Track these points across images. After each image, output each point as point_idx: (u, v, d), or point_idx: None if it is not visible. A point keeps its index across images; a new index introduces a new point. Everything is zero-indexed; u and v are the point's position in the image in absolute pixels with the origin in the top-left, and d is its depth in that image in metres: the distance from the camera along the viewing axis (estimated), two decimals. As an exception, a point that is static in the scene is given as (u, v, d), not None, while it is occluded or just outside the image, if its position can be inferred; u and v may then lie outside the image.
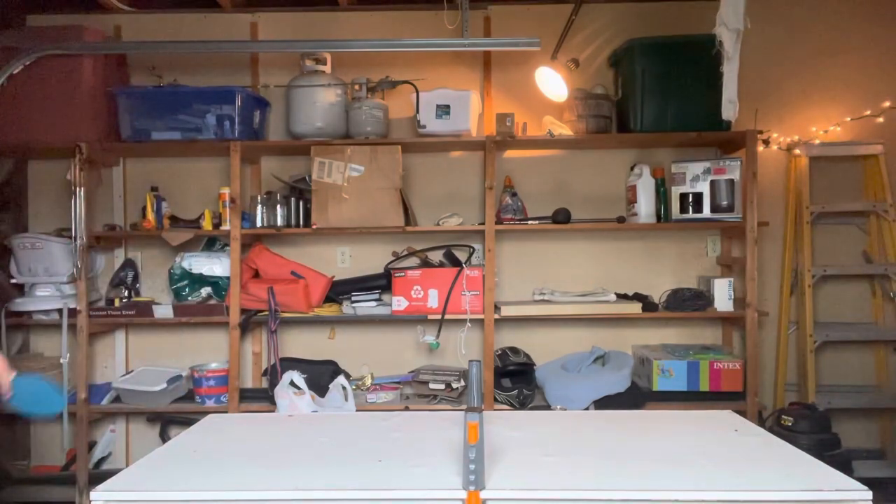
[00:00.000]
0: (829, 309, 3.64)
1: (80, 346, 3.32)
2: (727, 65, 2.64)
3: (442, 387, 3.33)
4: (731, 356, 3.39)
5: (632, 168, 3.56)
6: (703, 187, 3.33)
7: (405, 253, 3.64)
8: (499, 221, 3.41)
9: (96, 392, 3.43)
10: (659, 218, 3.44)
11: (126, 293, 3.53)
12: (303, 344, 3.69)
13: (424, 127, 3.37)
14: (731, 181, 3.30)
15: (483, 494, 1.50)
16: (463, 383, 3.36)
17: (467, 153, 3.70)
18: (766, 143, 3.56)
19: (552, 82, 3.52)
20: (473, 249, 3.61)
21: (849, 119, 3.60)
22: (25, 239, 3.36)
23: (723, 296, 3.38)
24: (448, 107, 3.36)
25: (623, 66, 3.48)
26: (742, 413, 2.46)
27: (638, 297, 3.49)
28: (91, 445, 3.53)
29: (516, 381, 3.35)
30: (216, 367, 3.41)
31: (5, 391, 1.91)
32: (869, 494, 1.50)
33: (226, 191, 3.37)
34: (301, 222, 3.43)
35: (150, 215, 3.44)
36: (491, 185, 3.35)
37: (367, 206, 3.30)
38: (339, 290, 3.52)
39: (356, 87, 3.44)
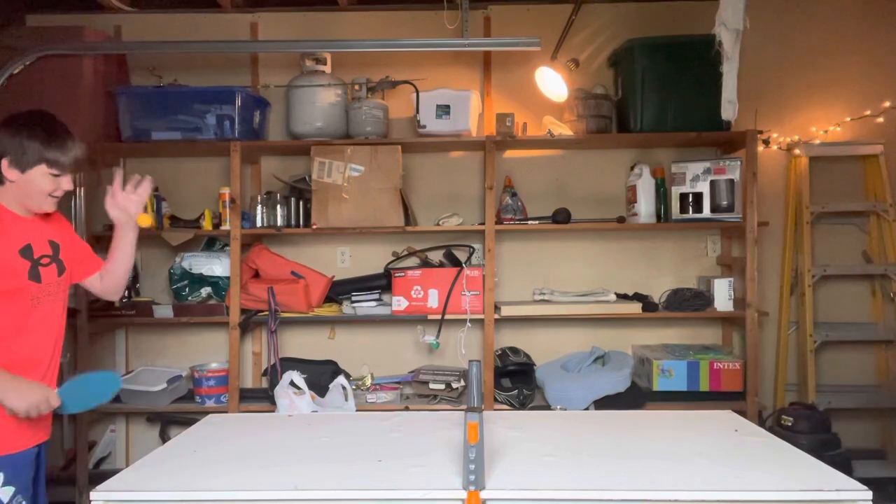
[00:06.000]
0: (829, 309, 3.64)
1: (81, 346, 3.32)
2: (726, 65, 2.64)
3: (442, 387, 3.33)
4: (731, 356, 3.39)
5: (632, 168, 3.56)
6: (703, 187, 3.33)
7: (405, 253, 3.64)
8: (499, 221, 3.41)
9: (96, 392, 3.43)
10: (659, 218, 3.44)
11: (126, 293, 3.52)
12: (303, 344, 3.69)
13: (424, 127, 3.37)
14: (731, 181, 3.30)
15: (483, 494, 1.50)
16: (463, 383, 3.36)
17: (467, 153, 3.70)
18: (766, 143, 3.56)
19: (552, 82, 3.52)
20: (473, 249, 3.61)
21: (849, 119, 3.60)
22: (25, 239, 3.35)
23: (723, 296, 3.38)
24: (448, 107, 3.36)
25: (623, 66, 3.48)
26: (742, 413, 2.45)
27: (638, 297, 3.49)
28: (91, 445, 3.53)
29: (516, 381, 3.35)
30: (216, 367, 3.41)
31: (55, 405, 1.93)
32: (869, 494, 1.50)
33: (226, 191, 3.37)
34: (301, 222, 3.43)
35: (151, 215, 3.44)
36: (491, 185, 3.35)
37: (367, 206, 3.30)
38: (339, 290, 3.52)
39: (356, 87, 3.44)
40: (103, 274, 2.21)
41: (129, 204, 2.14)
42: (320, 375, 3.34)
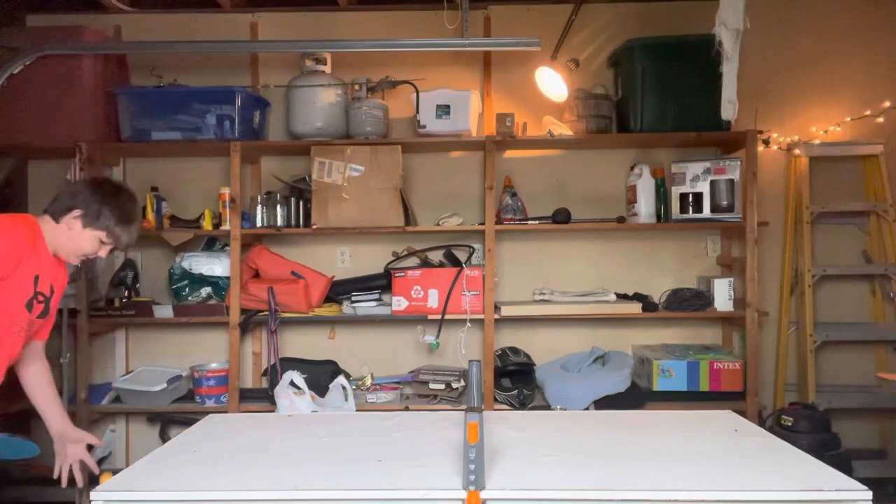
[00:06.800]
0: (829, 309, 3.64)
1: (81, 346, 3.32)
2: (726, 65, 2.64)
3: (442, 387, 3.33)
4: (731, 356, 3.39)
5: (632, 168, 3.56)
6: (703, 187, 3.33)
7: (405, 253, 3.64)
8: (499, 221, 3.41)
9: (96, 392, 3.43)
10: (659, 218, 3.44)
11: (126, 293, 3.53)
12: (303, 344, 3.69)
13: (424, 127, 3.37)
14: (731, 181, 3.30)
15: (483, 494, 1.50)
16: (463, 383, 3.36)
17: (467, 153, 3.70)
18: (766, 143, 3.56)
19: (552, 82, 3.52)
20: (473, 249, 3.61)
21: (849, 119, 3.60)
22: (25, 239, 3.35)
23: (723, 296, 3.38)
24: (448, 107, 3.36)
25: (623, 66, 3.48)
26: (742, 413, 2.45)
27: (638, 297, 3.49)
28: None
29: (516, 381, 3.35)
30: (216, 367, 3.41)
31: None
32: (869, 494, 1.50)
33: (226, 191, 3.37)
34: (301, 222, 3.43)
35: (150, 215, 3.44)
36: (491, 185, 3.35)
37: (367, 206, 3.30)
38: (339, 290, 3.52)
39: (356, 87, 3.44)
40: (39, 365, 2.17)
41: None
42: (320, 375, 3.34)
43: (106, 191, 2.07)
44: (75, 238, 2.03)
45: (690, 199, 3.35)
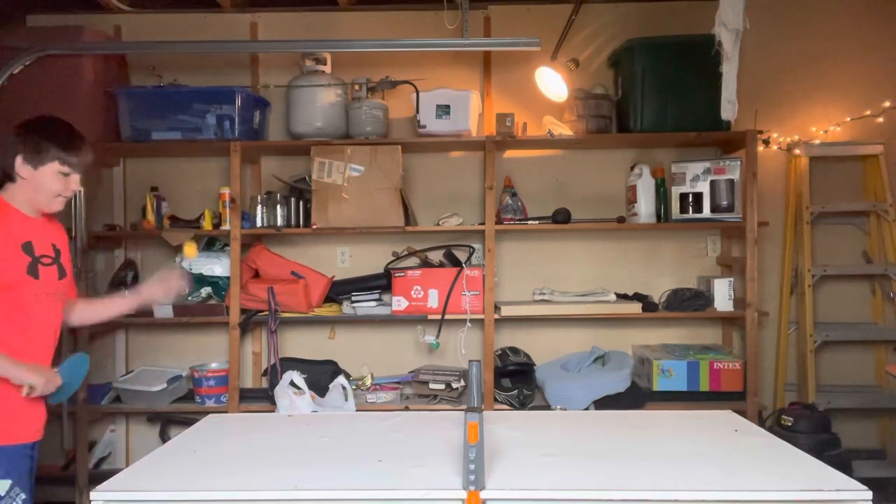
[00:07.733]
0: (829, 309, 3.64)
1: (80, 346, 3.31)
2: (726, 65, 2.64)
3: (442, 387, 3.33)
4: (731, 356, 3.39)
5: (632, 168, 3.56)
6: (703, 187, 3.33)
7: (405, 253, 3.64)
8: (499, 221, 3.41)
9: (96, 392, 3.43)
10: (659, 218, 3.44)
11: (126, 293, 3.52)
12: (303, 344, 3.69)
13: (424, 127, 3.37)
14: (731, 181, 3.30)
15: (483, 494, 1.50)
16: (463, 383, 3.36)
17: (467, 153, 3.70)
18: (766, 143, 3.55)
19: (552, 82, 3.52)
20: (473, 249, 3.61)
21: (849, 119, 3.60)
22: (25, 239, 3.35)
23: (723, 296, 3.38)
24: (448, 107, 3.36)
25: (623, 66, 3.48)
26: (742, 413, 2.45)
27: (638, 297, 3.49)
28: (91, 445, 3.53)
29: (516, 381, 3.35)
30: (216, 367, 3.41)
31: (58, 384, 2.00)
32: (869, 494, 1.50)
33: (226, 191, 3.37)
34: (301, 222, 3.43)
35: (150, 215, 3.44)
36: (491, 185, 3.35)
37: (367, 206, 3.30)
38: (339, 290, 3.52)
39: (356, 87, 3.44)
40: (78, 305, 2.26)
41: (167, 293, 2.31)
42: (320, 375, 3.34)
43: (35, 126, 2.05)
44: (36, 183, 1.99)
45: (690, 199, 3.35)
